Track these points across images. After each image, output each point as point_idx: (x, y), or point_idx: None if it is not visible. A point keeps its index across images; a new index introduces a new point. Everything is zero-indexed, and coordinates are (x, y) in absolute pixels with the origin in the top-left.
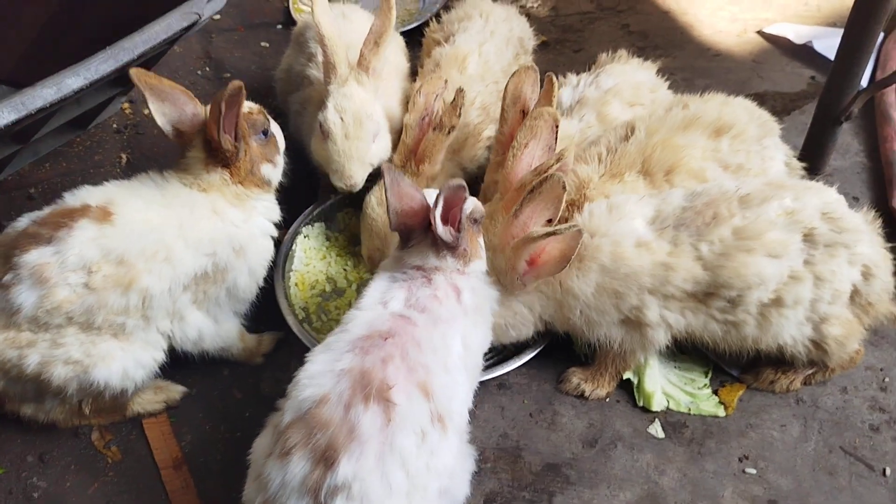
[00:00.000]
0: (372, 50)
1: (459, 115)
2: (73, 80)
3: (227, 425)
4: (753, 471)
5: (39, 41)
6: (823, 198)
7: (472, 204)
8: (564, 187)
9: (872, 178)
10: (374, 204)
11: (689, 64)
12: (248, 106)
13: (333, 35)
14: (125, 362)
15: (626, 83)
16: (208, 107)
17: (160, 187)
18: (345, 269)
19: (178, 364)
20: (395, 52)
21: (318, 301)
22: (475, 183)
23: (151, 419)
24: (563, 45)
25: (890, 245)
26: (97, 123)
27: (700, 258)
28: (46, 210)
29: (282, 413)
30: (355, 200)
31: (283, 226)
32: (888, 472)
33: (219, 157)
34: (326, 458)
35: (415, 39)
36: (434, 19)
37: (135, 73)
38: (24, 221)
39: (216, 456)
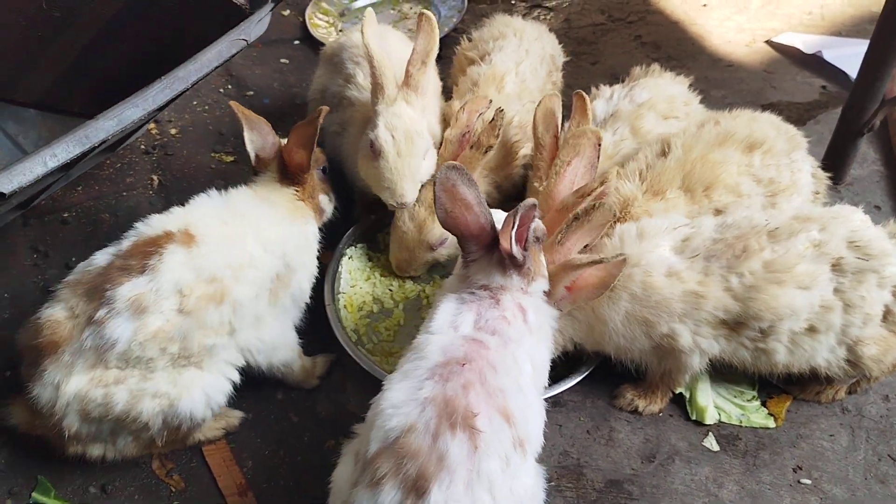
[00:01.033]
0: (419, 69)
1: (498, 135)
2: (132, 111)
3: (286, 450)
4: (808, 481)
5: (72, 67)
6: (850, 226)
7: (537, 222)
8: (615, 216)
9: (891, 186)
10: (406, 218)
11: (703, 75)
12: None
13: (382, 56)
14: (207, 390)
15: (661, 96)
16: (284, 139)
17: (228, 203)
18: (390, 290)
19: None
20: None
21: (368, 322)
22: (508, 201)
23: (211, 446)
24: (580, 58)
25: None
26: (126, 145)
27: (730, 289)
28: (126, 242)
29: (365, 441)
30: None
31: (326, 247)
32: None
33: (291, 178)
34: (418, 488)
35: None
36: (463, 37)
37: (234, 105)
38: (103, 257)
39: (279, 481)
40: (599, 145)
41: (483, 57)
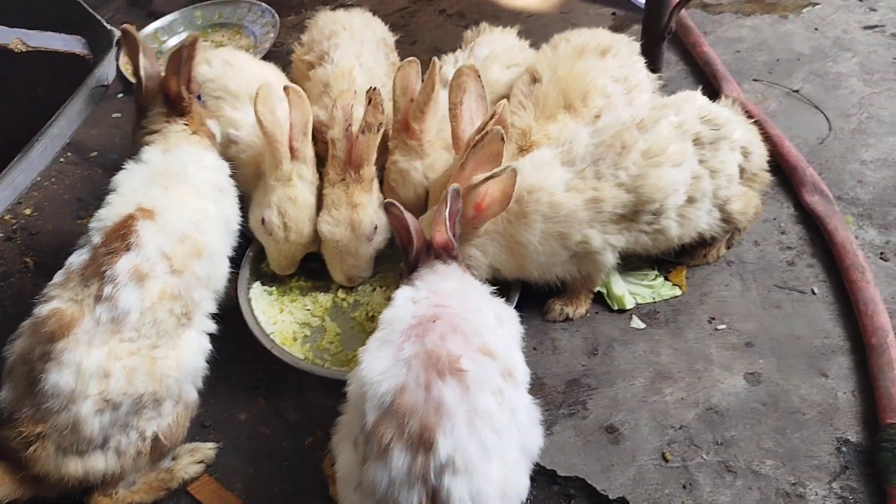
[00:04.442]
0: (303, 141)
1: (382, 110)
2: (23, 176)
3: (269, 461)
4: (723, 326)
5: None
6: (697, 104)
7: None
8: (503, 139)
9: (697, 79)
10: (332, 227)
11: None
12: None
13: (275, 131)
14: (201, 347)
15: (500, 48)
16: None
17: (153, 170)
18: (308, 310)
19: (195, 423)
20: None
21: (309, 346)
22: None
23: (195, 483)
24: (399, 42)
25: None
26: None
27: (621, 184)
28: (96, 236)
29: (359, 418)
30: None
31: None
32: (816, 290)
33: (177, 109)
34: (424, 441)
35: None
36: (295, 44)
37: (126, 28)
38: (80, 255)
39: (274, 489)
40: (479, 77)
41: (321, 58)
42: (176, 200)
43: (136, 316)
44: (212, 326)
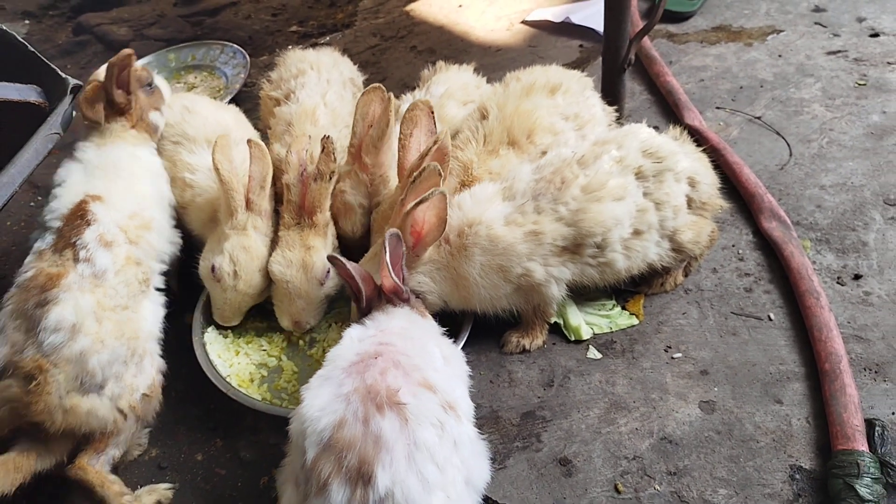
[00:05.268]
0: (259, 194)
1: (334, 159)
2: None
3: (224, 502)
4: (679, 354)
5: None
6: (640, 138)
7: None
8: (440, 174)
9: (661, 108)
10: (284, 268)
11: (480, 63)
12: (129, 61)
13: (231, 180)
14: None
15: (455, 85)
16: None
17: (92, 165)
18: (264, 350)
19: (152, 465)
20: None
21: (267, 386)
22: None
23: None
24: (369, 80)
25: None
26: None
27: (561, 218)
28: (54, 221)
29: (299, 457)
30: None
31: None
32: (772, 316)
33: (116, 110)
34: (363, 475)
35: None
36: (263, 80)
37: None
38: (44, 240)
39: None
40: (432, 113)
41: (288, 96)
42: (118, 187)
43: (112, 276)
44: (161, 299)
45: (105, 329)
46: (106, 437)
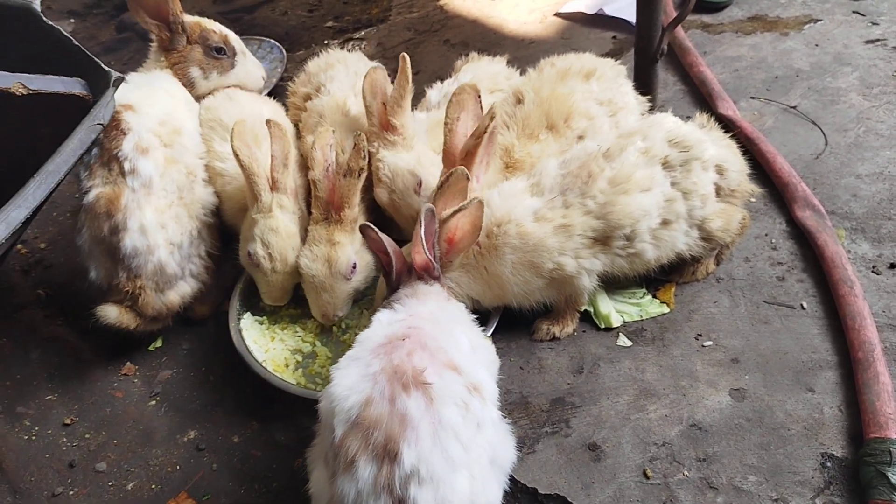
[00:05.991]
0: (283, 172)
1: (365, 156)
2: (17, 212)
3: (259, 483)
4: (710, 342)
5: None
6: (665, 128)
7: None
8: (468, 178)
9: (694, 99)
10: (310, 262)
11: (514, 56)
12: (215, 26)
13: (252, 164)
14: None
15: (483, 74)
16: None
17: (136, 86)
18: (299, 336)
19: (190, 446)
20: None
21: (301, 371)
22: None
23: (172, 501)
24: None
25: (730, 134)
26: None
27: (590, 212)
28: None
29: (328, 436)
30: None
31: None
32: (805, 305)
33: (163, 47)
34: (389, 452)
35: None
36: (298, 73)
37: None
38: (90, 155)
39: None
40: (479, 97)
41: (318, 89)
42: (147, 97)
43: (157, 179)
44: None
45: (171, 231)
46: (202, 295)
